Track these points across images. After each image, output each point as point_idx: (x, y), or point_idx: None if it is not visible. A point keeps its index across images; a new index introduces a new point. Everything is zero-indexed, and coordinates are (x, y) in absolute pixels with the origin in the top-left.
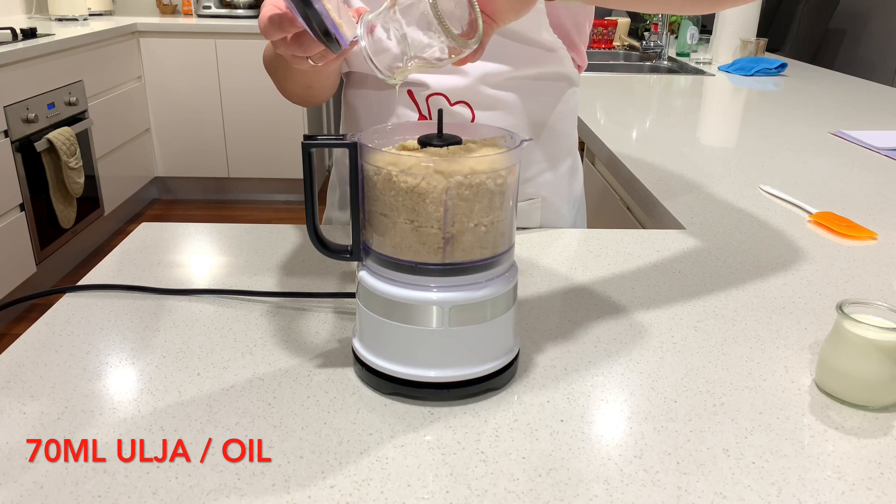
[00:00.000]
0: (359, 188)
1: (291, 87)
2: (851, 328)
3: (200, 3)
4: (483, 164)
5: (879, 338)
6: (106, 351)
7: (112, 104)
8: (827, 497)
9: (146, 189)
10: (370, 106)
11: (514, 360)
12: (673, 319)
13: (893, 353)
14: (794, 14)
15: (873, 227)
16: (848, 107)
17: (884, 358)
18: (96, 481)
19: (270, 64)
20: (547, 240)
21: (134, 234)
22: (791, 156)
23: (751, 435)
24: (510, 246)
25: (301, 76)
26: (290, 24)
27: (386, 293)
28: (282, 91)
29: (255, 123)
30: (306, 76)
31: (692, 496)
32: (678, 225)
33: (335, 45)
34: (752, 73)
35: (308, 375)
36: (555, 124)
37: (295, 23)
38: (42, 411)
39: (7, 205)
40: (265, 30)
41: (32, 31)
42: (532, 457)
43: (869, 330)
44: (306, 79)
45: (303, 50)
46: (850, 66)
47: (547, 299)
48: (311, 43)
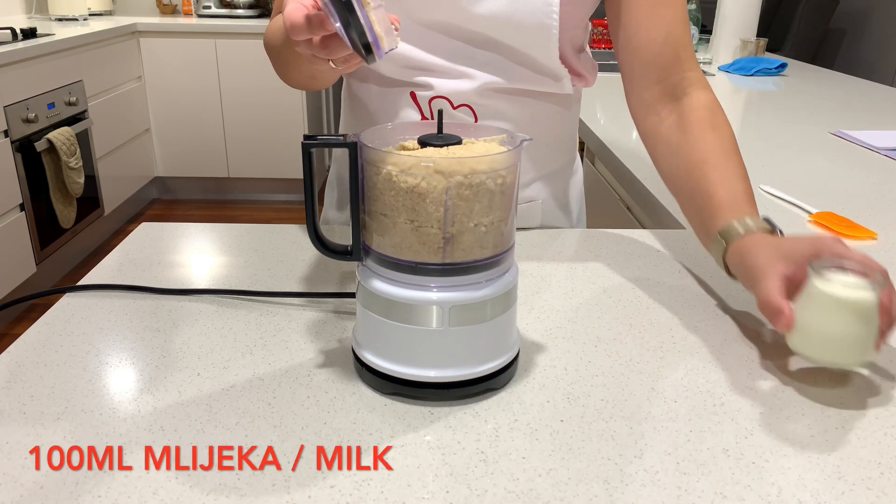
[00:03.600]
0: (359, 188)
1: (294, 76)
2: (821, 286)
3: (200, 3)
4: (483, 164)
5: (847, 295)
6: (106, 351)
7: (112, 104)
8: (827, 497)
9: (146, 189)
10: (372, 105)
11: (514, 360)
12: (673, 319)
13: (861, 312)
14: (794, 14)
15: (873, 227)
16: (848, 107)
17: (851, 316)
18: (96, 481)
19: (274, 50)
20: (547, 240)
21: (134, 234)
22: (791, 156)
23: (751, 435)
24: (510, 246)
25: (308, 69)
26: (320, 27)
27: (386, 293)
28: (281, 76)
29: (255, 123)
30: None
31: (692, 496)
32: (678, 225)
33: (372, 57)
34: (752, 73)
35: (308, 375)
36: (557, 132)
37: (325, 25)
38: (42, 411)
39: (7, 205)
40: (295, 29)
41: (32, 31)
42: (532, 457)
43: (837, 287)
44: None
45: (327, 53)
46: (850, 66)
47: (547, 299)
48: (339, 47)
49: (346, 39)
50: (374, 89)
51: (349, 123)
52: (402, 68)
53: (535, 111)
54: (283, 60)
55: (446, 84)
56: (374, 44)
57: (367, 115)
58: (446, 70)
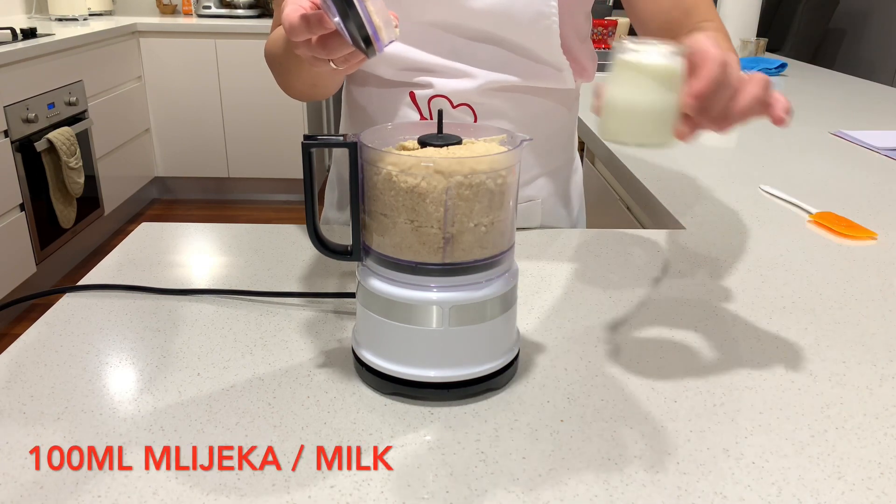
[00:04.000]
0: (359, 188)
1: (296, 84)
2: (625, 56)
3: (200, 3)
4: (483, 164)
5: (646, 61)
6: (106, 351)
7: (112, 104)
8: (827, 497)
9: (146, 189)
10: (372, 106)
11: (514, 360)
12: (673, 319)
13: (661, 78)
14: (794, 14)
15: (873, 227)
16: (848, 107)
17: (652, 83)
18: (96, 481)
19: (275, 59)
20: (547, 240)
21: (134, 234)
22: (791, 156)
23: (751, 435)
24: (510, 246)
25: (308, 76)
26: (318, 25)
27: (386, 293)
28: (283, 87)
29: (255, 123)
30: (315, 75)
31: (692, 496)
32: (678, 225)
33: (372, 51)
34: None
35: (308, 375)
36: (556, 130)
37: (324, 23)
38: (42, 411)
39: (7, 205)
40: (294, 29)
41: (32, 31)
42: (532, 457)
43: (638, 55)
44: (313, 79)
45: (327, 52)
46: (850, 66)
47: (547, 299)
48: (338, 46)
49: (346, 34)
50: (374, 91)
51: (349, 126)
52: (402, 70)
53: (535, 110)
54: (284, 69)
55: (447, 83)
56: (373, 36)
57: (367, 116)
58: (447, 69)
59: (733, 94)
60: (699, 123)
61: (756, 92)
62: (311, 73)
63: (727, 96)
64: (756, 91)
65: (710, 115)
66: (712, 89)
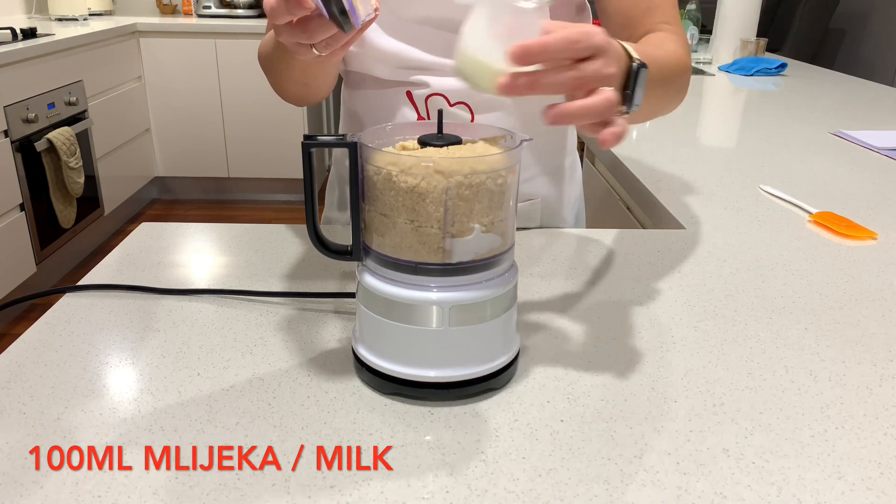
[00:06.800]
0: (359, 188)
1: (288, 85)
2: None
3: (200, 3)
4: (483, 164)
5: None
6: (106, 351)
7: (112, 104)
8: (827, 497)
9: (146, 189)
10: (369, 106)
11: (514, 360)
12: (673, 319)
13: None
14: (794, 14)
15: (873, 227)
16: (848, 107)
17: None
18: (96, 481)
19: (267, 59)
20: (547, 240)
21: (134, 234)
22: (791, 156)
23: (751, 435)
24: (510, 246)
25: (299, 72)
26: (297, 6)
27: (386, 293)
28: (277, 89)
29: (255, 123)
30: (305, 72)
31: (692, 496)
32: (678, 225)
33: (348, 24)
34: (752, 73)
35: (308, 375)
36: (555, 128)
37: (303, 4)
38: (42, 411)
39: (7, 205)
40: (274, 12)
41: (32, 31)
42: (532, 457)
43: None
44: (304, 76)
45: (308, 36)
46: (850, 66)
47: (547, 299)
48: (318, 28)
49: (323, 9)
50: (371, 93)
51: (348, 126)
52: (398, 69)
53: (533, 108)
54: (276, 68)
55: (443, 81)
56: (349, 9)
57: (365, 117)
58: (442, 67)
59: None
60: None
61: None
62: (300, 68)
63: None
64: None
65: (542, 82)
66: (534, 53)
